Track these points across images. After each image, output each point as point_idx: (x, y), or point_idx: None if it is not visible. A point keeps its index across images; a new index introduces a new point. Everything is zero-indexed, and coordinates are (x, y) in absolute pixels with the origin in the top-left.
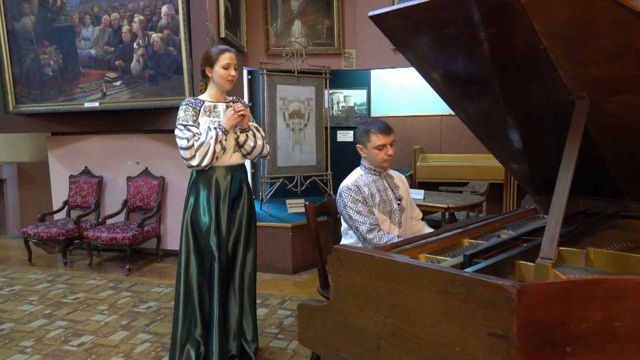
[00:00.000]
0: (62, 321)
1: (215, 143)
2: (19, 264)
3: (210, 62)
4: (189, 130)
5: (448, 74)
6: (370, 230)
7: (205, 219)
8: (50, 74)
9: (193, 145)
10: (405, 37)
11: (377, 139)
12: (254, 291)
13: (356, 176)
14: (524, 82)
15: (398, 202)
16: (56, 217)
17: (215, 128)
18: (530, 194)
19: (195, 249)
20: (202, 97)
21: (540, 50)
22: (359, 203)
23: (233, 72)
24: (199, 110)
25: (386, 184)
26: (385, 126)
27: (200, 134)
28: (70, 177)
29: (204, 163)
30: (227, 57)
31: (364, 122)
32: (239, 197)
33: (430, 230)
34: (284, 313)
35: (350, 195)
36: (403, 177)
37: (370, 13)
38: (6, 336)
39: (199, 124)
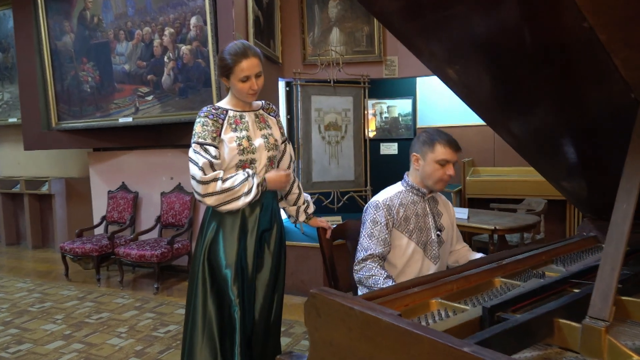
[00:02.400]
0: (78, 344)
1: (251, 200)
2: (57, 279)
3: (225, 72)
4: (206, 150)
5: (467, 70)
6: (364, 259)
7: (224, 258)
8: (89, 90)
9: (212, 182)
10: (407, 25)
11: (443, 152)
12: (278, 340)
13: (392, 192)
14: (572, 77)
15: (438, 232)
16: (96, 232)
17: (259, 185)
18: (588, 217)
19: (212, 290)
20: (224, 104)
21: (585, 32)
22: (378, 226)
23: (255, 86)
24: (222, 123)
25: (428, 209)
26: (454, 140)
27: (219, 159)
28: (109, 192)
29: (221, 209)
30: (244, 68)
31: (427, 130)
32: (269, 230)
33: (478, 255)
34: (307, 344)
35: (374, 214)
36: (450, 204)
37: None
38: (21, 358)
39: (221, 141)
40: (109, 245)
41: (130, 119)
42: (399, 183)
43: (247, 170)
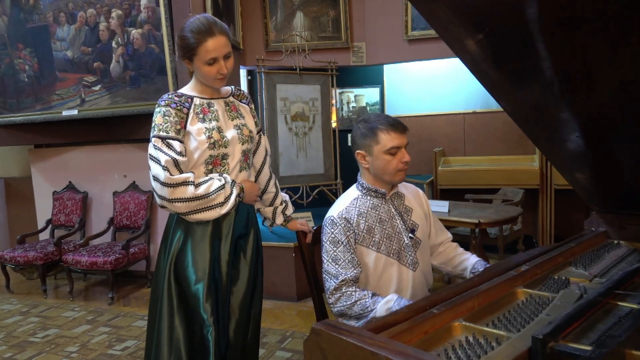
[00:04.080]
0: None
1: (226, 212)
2: None
3: (187, 53)
4: (169, 146)
5: (493, 42)
6: (337, 288)
7: (194, 272)
8: (26, 80)
9: (182, 186)
10: None
11: (389, 139)
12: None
13: (348, 201)
14: (611, 51)
15: (411, 234)
16: (40, 237)
17: (238, 196)
18: (597, 211)
19: (180, 308)
20: (187, 90)
21: None
22: (340, 246)
23: (223, 69)
24: (187, 113)
25: (393, 210)
26: (397, 121)
27: (185, 156)
28: (54, 193)
29: (190, 218)
30: (210, 49)
31: (364, 119)
32: (245, 235)
33: (466, 255)
34: (283, 355)
35: (332, 233)
36: (420, 191)
37: None
38: None
39: (187, 134)
40: (56, 252)
41: (75, 112)
42: (353, 188)
43: (224, 175)
